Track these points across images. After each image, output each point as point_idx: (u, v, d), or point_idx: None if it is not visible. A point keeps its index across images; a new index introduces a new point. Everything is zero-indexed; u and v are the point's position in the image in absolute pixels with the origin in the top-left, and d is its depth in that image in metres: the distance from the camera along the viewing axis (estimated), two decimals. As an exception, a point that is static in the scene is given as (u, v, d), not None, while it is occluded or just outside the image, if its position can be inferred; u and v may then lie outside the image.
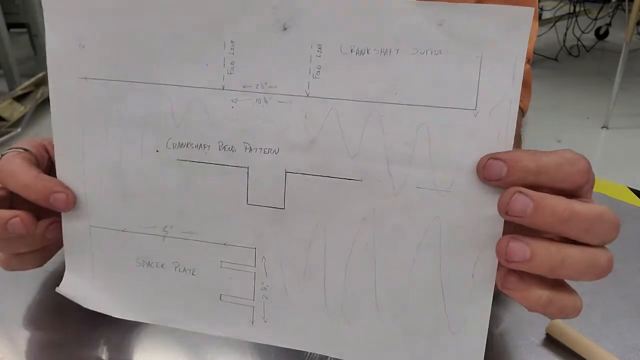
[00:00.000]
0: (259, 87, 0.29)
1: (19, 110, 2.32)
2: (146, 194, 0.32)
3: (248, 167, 0.30)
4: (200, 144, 0.30)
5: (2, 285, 0.40)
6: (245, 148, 0.30)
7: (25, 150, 0.34)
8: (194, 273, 0.32)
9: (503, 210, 0.25)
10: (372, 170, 0.28)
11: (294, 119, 0.29)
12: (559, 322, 0.34)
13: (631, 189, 0.51)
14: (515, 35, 0.26)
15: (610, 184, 0.52)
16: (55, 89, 0.32)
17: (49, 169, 0.36)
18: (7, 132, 2.20)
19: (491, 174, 0.26)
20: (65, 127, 0.32)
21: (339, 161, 0.29)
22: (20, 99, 2.39)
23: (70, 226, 0.33)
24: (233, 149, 0.30)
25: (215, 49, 0.29)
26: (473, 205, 0.27)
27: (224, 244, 0.31)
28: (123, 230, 0.33)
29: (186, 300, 0.33)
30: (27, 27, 2.90)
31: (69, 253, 0.34)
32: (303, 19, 0.28)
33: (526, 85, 0.53)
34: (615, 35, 3.44)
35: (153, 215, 0.32)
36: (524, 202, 0.24)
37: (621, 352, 0.33)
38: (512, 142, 0.27)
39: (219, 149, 0.30)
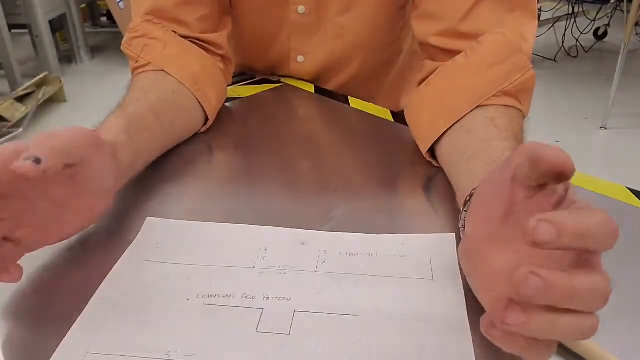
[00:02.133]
0: (280, 267, 0.41)
1: (20, 110, 2.33)
2: (165, 326, 0.36)
3: (263, 309, 0.37)
4: (226, 294, 0.38)
5: None
6: (264, 297, 0.38)
7: None
8: None
9: (515, 292, 0.25)
10: (364, 308, 0.37)
11: (306, 281, 0.40)
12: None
13: (629, 189, 0.52)
14: (448, 246, 0.43)
15: (608, 184, 0.52)
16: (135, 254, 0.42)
17: None
18: (9, 132, 2.21)
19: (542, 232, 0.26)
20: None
21: (339, 303, 0.38)
22: (21, 99, 2.40)
23: (64, 351, 0.33)
24: (253, 297, 0.38)
25: (254, 251, 0.43)
26: (448, 331, 0.35)
27: None
28: (122, 356, 0.33)
29: None
30: (29, 28, 2.90)
31: None
32: (316, 239, 0.45)
33: (528, 91, 0.53)
34: (614, 36, 3.44)
35: (161, 343, 0.34)
36: (537, 283, 0.25)
37: (621, 352, 0.33)
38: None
39: (241, 298, 0.38)
